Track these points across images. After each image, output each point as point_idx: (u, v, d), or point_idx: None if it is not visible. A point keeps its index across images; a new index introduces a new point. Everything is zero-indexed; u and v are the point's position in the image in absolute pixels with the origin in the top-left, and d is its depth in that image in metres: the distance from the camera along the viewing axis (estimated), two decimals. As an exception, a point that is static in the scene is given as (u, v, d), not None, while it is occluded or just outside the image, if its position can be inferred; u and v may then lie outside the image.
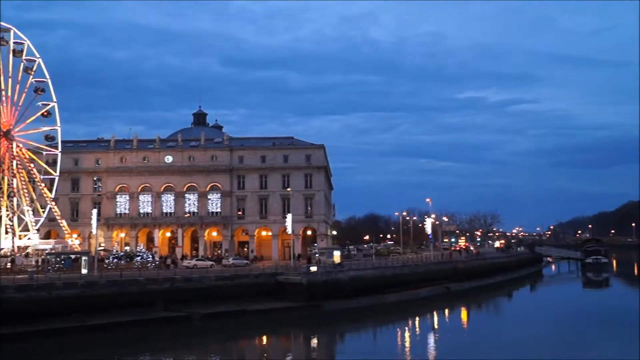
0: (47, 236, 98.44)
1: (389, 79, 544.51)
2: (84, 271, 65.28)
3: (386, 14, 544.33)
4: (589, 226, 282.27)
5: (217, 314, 58.10)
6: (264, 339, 53.98)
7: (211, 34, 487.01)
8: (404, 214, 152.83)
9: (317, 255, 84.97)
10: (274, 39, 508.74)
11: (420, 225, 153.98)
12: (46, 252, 76.76)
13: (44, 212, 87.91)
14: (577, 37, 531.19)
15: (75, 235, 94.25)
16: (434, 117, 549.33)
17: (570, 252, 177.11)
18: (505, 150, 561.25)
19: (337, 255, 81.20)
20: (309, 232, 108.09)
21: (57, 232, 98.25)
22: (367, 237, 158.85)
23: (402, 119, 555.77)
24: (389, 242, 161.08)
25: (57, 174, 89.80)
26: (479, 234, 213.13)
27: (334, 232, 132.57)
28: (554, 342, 48.81)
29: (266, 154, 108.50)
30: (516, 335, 54.37)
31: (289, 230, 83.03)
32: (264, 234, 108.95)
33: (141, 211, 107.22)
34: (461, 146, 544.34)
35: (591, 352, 45.39)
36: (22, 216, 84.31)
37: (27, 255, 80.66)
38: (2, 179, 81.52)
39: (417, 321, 63.34)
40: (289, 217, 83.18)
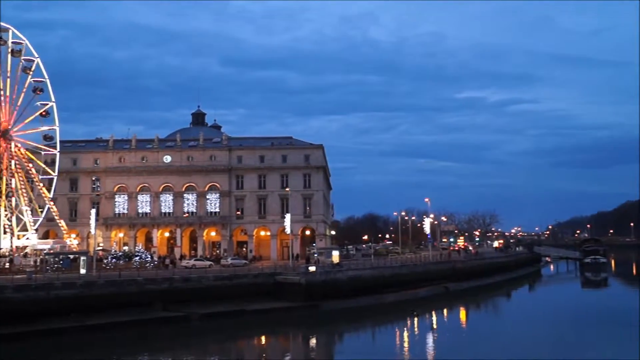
0: (45, 236, 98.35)
1: (389, 79, 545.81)
2: (83, 271, 65.32)
3: (386, 14, 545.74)
4: (588, 226, 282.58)
5: (216, 314, 58.11)
6: (263, 339, 53.96)
7: (211, 34, 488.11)
8: (403, 213, 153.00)
9: (315, 255, 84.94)
10: (273, 39, 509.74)
11: (419, 225, 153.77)
12: (45, 252, 76.56)
13: (42, 212, 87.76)
14: (577, 37, 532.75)
15: (73, 235, 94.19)
16: (434, 117, 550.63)
17: (568, 252, 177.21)
18: (504, 150, 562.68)
19: (335, 255, 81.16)
20: (308, 232, 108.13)
21: (56, 232, 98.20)
22: (365, 237, 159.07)
23: (401, 119, 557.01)
24: (387, 242, 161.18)
25: (56, 173, 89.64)
26: (477, 233, 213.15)
27: (333, 232, 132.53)
28: (552, 342, 48.86)
29: (265, 154, 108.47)
30: (515, 335, 54.40)
31: (288, 230, 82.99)
32: (262, 233, 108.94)
33: (140, 211, 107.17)
34: (460, 146, 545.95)
35: (590, 352, 45.45)
36: (20, 216, 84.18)
37: (26, 255, 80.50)
38: (1, 179, 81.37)
39: (415, 321, 63.33)
40: (288, 217, 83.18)
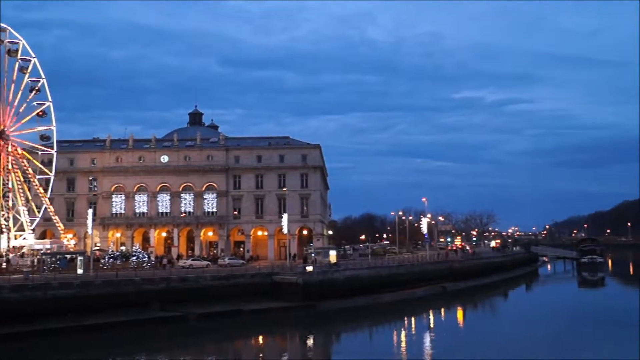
0: (42, 236, 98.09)
1: (386, 79, 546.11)
2: (80, 271, 65.25)
3: (384, 13, 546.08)
4: (585, 226, 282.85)
5: (213, 313, 58.06)
6: (260, 339, 53.95)
7: (208, 34, 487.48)
8: (400, 213, 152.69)
9: (313, 255, 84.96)
10: (271, 38, 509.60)
11: (416, 225, 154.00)
12: (42, 252, 76.51)
13: (39, 212, 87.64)
14: (575, 37, 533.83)
15: (70, 235, 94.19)
16: (431, 117, 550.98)
17: (565, 251, 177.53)
18: (501, 150, 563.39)
19: (333, 255, 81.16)
20: (305, 232, 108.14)
21: (53, 232, 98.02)
22: (363, 237, 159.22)
23: (399, 119, 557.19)
24: (385, 242, 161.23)
25: (53, 173, 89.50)
26: (474, 233, 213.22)
27: (330, 232, 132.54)
28: (549, 342, 48.94)
29: (262, 153, 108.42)
30: (512, 335, 54.50)
31: (285, 230, 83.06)
32: (259, 233, 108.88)
33: (137, 211, 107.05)
34: (458, 146, 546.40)
35: (587, 351, 45.48)
36: (17, 216, 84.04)
37: (23, 255, 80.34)
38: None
39: (413, 321, 63.44)
40: (285, 216, 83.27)
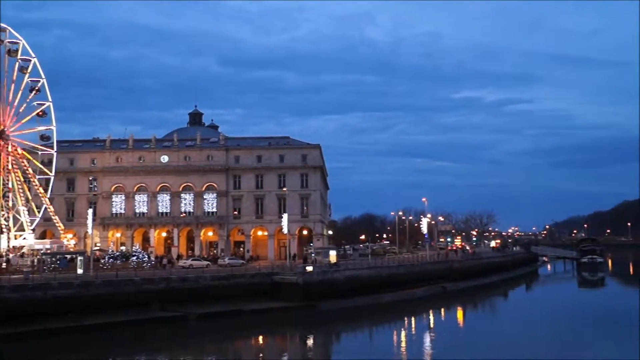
0: (42, 236, 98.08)
1: (386, 79, 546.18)
2: (80, 271, 65.25)
3: (383, 13, 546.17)
4: (585, 226, 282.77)
5: (213, 313, 58.06)
6: (260, 339, 53.94)
7: (208, 34, 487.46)
8: (400, 213, 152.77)
9: (313, 255, 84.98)
10: (271, 39, 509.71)
11: (416, 225, 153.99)
12: (42, 252, 76.51)
13: (39, 212, 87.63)
14: (574, 37, 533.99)
15: (70, 235, 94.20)
16: (431, 116, 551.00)
17: (565, 251, 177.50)
18: (501, 150, 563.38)
19: (333, 255, 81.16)
20: (305, 232, 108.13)
21: (53, 232, 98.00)
22: (363, 237, 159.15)
23: (398, 119, 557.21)
24: (385, 242, 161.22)
25: (53, 173, 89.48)
26: (474, 233, 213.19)
27: (330, 232, 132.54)
28: (549, 342, 48.95)
29: (262, 153, 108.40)
30: (512, 334, 54.51)
31: (285, 230, 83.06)
32: (259, 233, 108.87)
33: (137, 211, 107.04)
34: (457, 146, 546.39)
35: (587, 351, 45.51)
36: (17, 216, 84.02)
37: (23, 255, 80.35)
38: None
39: (413, 321, 63.44)
40: (285, 216, 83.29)
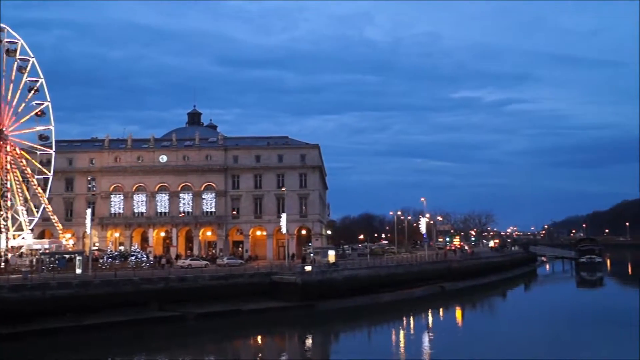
0: (41, 236, 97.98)
1: (385, 79, 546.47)
2: (78, 271, 65.26)
3: (382, 14, 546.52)
4: (583, 225, 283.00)
5: (212, 313, 58.07)
6: (259, 338, 53.99)
7: (206, 34, 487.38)
8: (399, 213, 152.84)
9: (311, 254, 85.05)
10: (270, 38, 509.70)
11: (414, 224, 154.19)
12: (40, 251, 76.51)
13: (37, 211, 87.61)
14: (574, 37, 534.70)
15: (69, 235, 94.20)
16: (429, 116, 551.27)
17: (564, 251, 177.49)
18: (500, 150, 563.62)
19: (331, 254, 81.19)
20: (304, 232, 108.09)
21: (51, 231, 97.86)
22: (361, 237, 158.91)
23: (397, 119, 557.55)
24: (383, 242, 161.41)
25: (51, 173, 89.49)
26: (473, 233, 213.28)
27: (329, 232, 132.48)
28: (548, 342, 48.99)
29: (261, 153, 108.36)
30: (510, 334, 54.54)
31: (284, 229, 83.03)
32: (258, 233, 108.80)
33: (135, 211, 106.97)
34: (456, 146, 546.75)
35: (585, 351, 45.49)
36: (16, 216, 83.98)
37: (21, 255, 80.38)
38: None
39: (411, 321, 63.49)
40: (284, 216, 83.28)
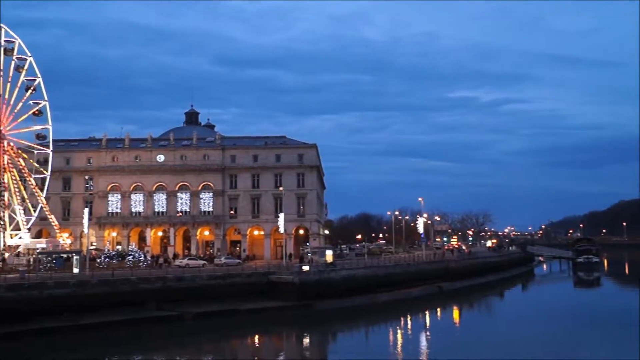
0: (38, 235, 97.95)
1: (382, 79, 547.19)
2: (76, 270, 65.13)
3: (380, 13, 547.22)
4: (581, 225, 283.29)
5: (210, 313, 58.03)
6: (256, 338, 53.95)
7: (204, 33, 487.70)
8: (396, 213, 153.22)
9: (309, 254, 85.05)
10: (267, 38, 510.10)
11: (412, 224, 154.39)
12: (37, 251, 76.41)
13: (35, 211, 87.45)
14: (572, 37, 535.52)
15: (66, 234, 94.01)
16: (427, 116, 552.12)
17: (561, 251, 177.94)
18: (497, 149, 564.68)
19: (329, 254, 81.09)
20: (302, 232, 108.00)
21: (49, 231, 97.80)
22: (359, 237, 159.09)
23: (395, 119, 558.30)
24: (381, 242, 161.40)
25: (49, 173, 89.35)
26: (471, 233, 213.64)
27: (327, 232, 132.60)
28: (545, 342, 48.97)
29: (258, 153, 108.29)
30: (508, 334, 54.56)
31: (281, 229, 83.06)
32: (256, 233, 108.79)
33: (133, 210, 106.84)
34: (454, 146, 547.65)
35: (583, 351, 45.55)
36: (13, 215, 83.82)
37: (19, 254, 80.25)
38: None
39: (409, 320, 63.53)
40: (281, 216, 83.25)
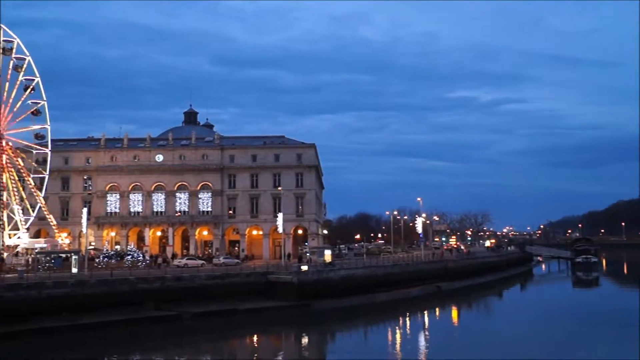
0: (37, 235, 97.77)
1: (382, 79, 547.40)
2: (74, 270, 65.10)
3: (379, 13, 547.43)
4: (579, 225, 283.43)
5: (208, 313, 58.03)
6: (255, 338, 53.94)
7: (203, 33, 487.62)
8: (395, 213, 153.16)
9: (308, 254, 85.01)
10: (266, 38, 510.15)
11: (411, 224, 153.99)
12: (36, 251, 76.33)
13: (33, 210, 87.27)
14: (570, 37, 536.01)
15: (65, 234, 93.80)
16: (426, 116, 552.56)
17: (560, 251, 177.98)
18: (496, 149, 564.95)
19: (328, 254, 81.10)
20: (300, 231, 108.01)
21: (47, 231, 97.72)
22: (358, 236, 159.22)
23: (394, 119, 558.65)
24: (380, 242, 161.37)
25: (47, 172, 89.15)
26: (469, 233, 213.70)
27: (325, 231, 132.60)
28: (544, 342, 49.05)
29: (257, 153, 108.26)
30: (507, 334, 54.68)
31: (280, 229, 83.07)
32: (254, 233, 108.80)
33: (132, 210, 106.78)
34: (453, 145, 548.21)
35: (581, 351, 45.66)
36: (11, 215, 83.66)
37: (17, 254, 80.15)
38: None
39: (407, 320, 63.56)
40: (280, 216, 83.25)
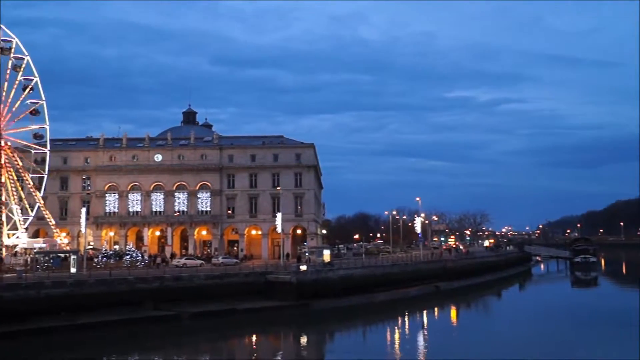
0: (35, 235, 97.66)
1: (380, 78, 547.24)
2: (73, 270, 65.08)
3: (378, 13, 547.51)
4: (578, 225, 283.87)
5: (207, 312, 58.02)
6: (254, 338, 53.92)
7: (201, 33, 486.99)
8: (394, 213, 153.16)
9: (306, 254, 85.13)
10: (265, 38, 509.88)
11: (410, 224, 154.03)
12: (35, 250, 76.27)
13: (32, 210, 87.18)
14: (570, 37, 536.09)
15: (64, 234, 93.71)
16: (425, 116, 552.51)
17: (559, 251, 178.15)
18: (495, 149, 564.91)
19: (326, 254, 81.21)
20: (299, 231, 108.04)
21: (46, 230, 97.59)
22: (357, 236, 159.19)
23: (392, 118, 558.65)
24: (378, 241, 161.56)
25: (46, 172, 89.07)
26: (468, 233, 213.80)
27: (324, 231, 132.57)
28: (543, 341, 49.10)
29: (256, 152, 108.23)
30: (505, 334, 54.73)
31: (279, 229, 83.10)
32: (253, 232, 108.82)
33: (130, 210, 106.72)
34: (451, 145, 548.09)
35: (580, 351, 45.66)
36: (10, 215, 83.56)
37: (16, 254, 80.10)
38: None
39: (406, 320, 63.60)
40: (279, 216, 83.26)
